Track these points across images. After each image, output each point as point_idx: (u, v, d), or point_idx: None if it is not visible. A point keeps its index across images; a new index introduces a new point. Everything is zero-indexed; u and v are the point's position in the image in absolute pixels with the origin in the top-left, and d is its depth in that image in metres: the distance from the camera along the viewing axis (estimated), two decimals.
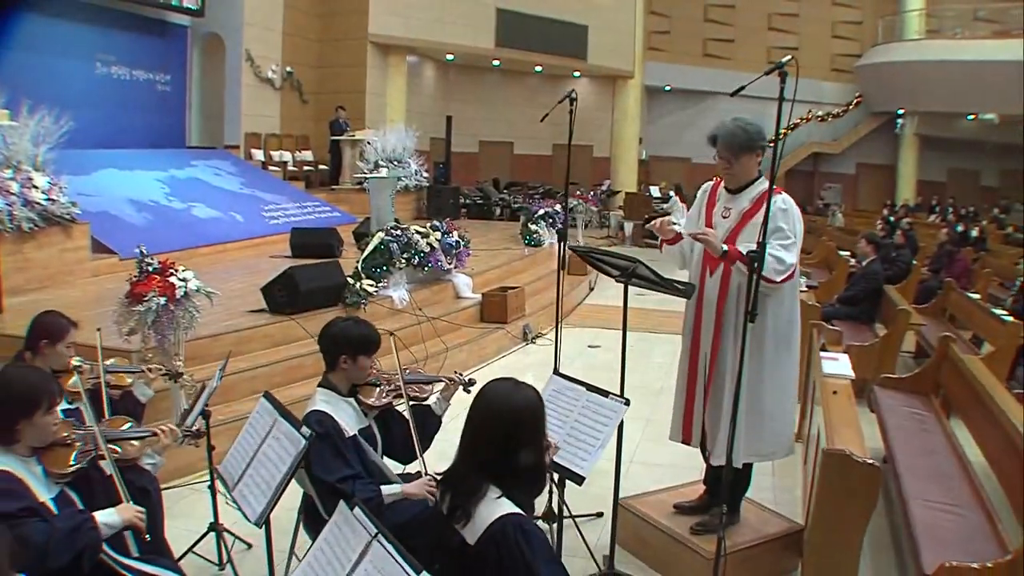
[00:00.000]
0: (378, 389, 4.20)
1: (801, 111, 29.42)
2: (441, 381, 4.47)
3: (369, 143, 14.30)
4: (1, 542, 2.00)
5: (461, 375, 4.50)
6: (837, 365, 6.01)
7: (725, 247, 4.34)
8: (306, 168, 18.78)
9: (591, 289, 14.64)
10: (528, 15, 22.79)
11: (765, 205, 3.96)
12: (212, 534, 4.62)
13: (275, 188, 15.36)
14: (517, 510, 2.77)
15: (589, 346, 10.52)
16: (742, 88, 4.15)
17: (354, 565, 2.46)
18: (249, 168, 16.01)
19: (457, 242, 10.40)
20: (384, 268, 9.05)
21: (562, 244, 5.94)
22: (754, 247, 3.98)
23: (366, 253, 9.05)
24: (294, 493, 4.50)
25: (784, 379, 4.63)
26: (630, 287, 4.63)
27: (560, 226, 15.03)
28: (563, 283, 6.14)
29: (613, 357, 9.02)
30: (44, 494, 3.14)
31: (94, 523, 3.07)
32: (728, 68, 29.47)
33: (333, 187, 17.88)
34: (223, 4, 16.55)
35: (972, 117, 27.83)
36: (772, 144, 4.16)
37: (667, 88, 29.14)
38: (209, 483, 4.60)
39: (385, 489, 3.87)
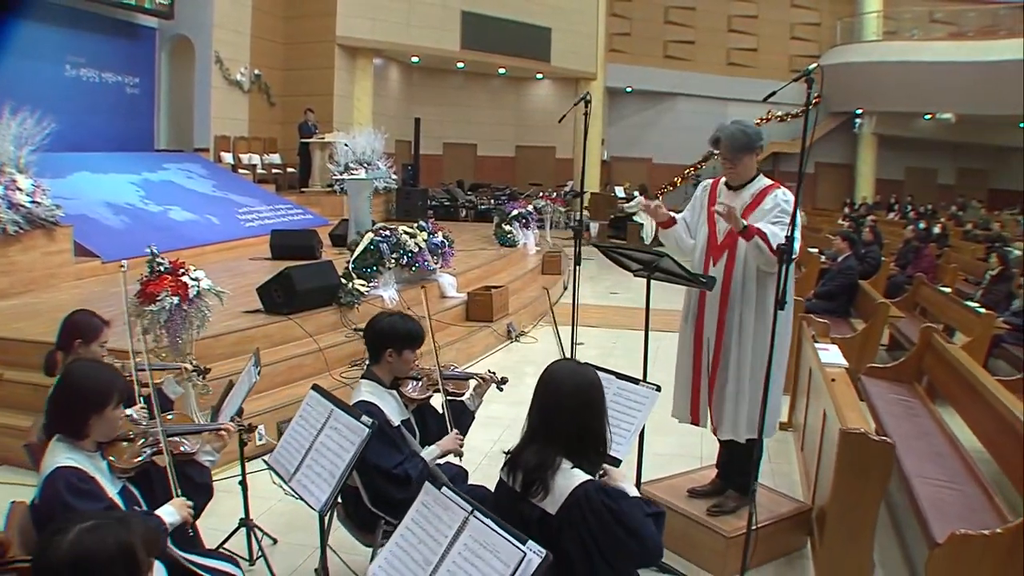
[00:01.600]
0: (419, 383, 4.32)
1: (760, 112, 29.75)
2: (475, 379, 4.59)
3: (346, 145, 14.32)
4: (136, 531, 2.06)
5: (494, 374, 4.63)
6: (830, 355, 6.22)
7: (745, 223, 4.57)
8: (275, 171, 18.75)
9: (565, 288, 14.77)
10: (492, 18, 22.90)
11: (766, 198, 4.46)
12: (243, 529, 4.67)
13: (247, 191, 15.35)
14: (591, 477, 2.96)
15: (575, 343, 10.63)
16: (773, 94, 4.43)
17: (451, 542, 2.57)
18: (220, 171, 15.98)
19: (442, 242, 10.49)
20: (375, 268, 9.13)
21: (577, 240, 6.05)
22: (766, 227, 4.47)
23: (357, 253, 9.12)
24: None
25: (781, 361, 4.82)
26: (606, 288, 4.79)
27: (533, 226, 15.23)
28: (572, 281, 6.23)
29: (597, 354, 9.22)
30: (111, 489, 3.17)
31: (164, 524, 3.16)
32: (688, 69, 29.87)
33: (303, 190, 17.85)
34: (192, 6, 16.49)
35: (929, 117, 28.23)
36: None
37: (628, 89, 29.37)
38: (240, 479, 4.65)
39: (425, 453, 4.12)
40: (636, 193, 22.74)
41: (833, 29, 30.94)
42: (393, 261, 9.41)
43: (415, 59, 23.86)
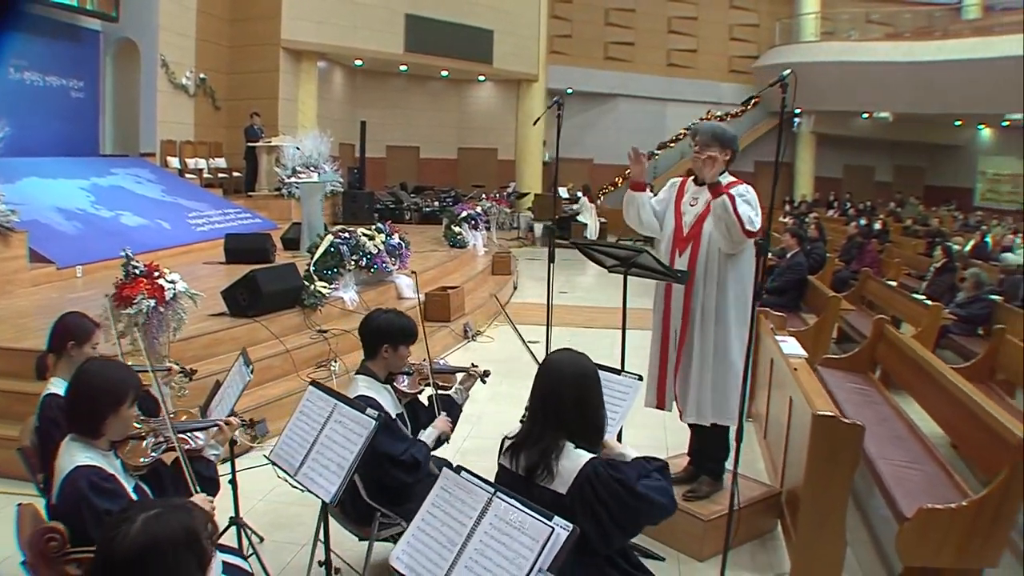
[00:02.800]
0: (411, 378, 4.45)
1: (700, 111, 30.13)
2: (463, 372, 4.76)
3: (297, 148, 14.32)
4: (198, 517, 2.13)
5: (477, 367, 4.81)
6: (790, 346, 6.46)
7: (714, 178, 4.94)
8: (221, 175, 18.64)
9: (515, 288, 14.93)
10: (435, 20, 22.95)
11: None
12: (233, 527, 4.74)
13: (195, 195, 15.29)
14: (594, 455, 3.12)
15: (528, 341, 10.75)
16: (751, 99, 4.67)
17: (476, 522, 2.70)
18: (167, 176, 15.89)
19: (399, 244, 10.59)
20: (335, 270, 9.20)
21: (551, 239, 6.19)
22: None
23: (317, 256, 9.18)
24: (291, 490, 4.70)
25: (742, 348, 4.99)
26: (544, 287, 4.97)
27: (482, 227, 15.36)
28: (551, 281, 6.35)
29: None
30: (127, 486, 3.22)
31: None
32: (629, 70, 30.12)
33: (250, 194, 17.76)
34: (137, 9, 16.32)
35: (867, 116, 28.81)
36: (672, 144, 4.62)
37: (569, 91, 29.54)
38: (230, 477, 4.71)
39: (423, 436, 4.30)
40: (579, 194, 23.02)
41: (772, 30, 31.46)
42: (353, 263, 9.49)
43: (359, 62, 23.79)
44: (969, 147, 32.12)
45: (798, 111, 29.59)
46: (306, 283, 8.66)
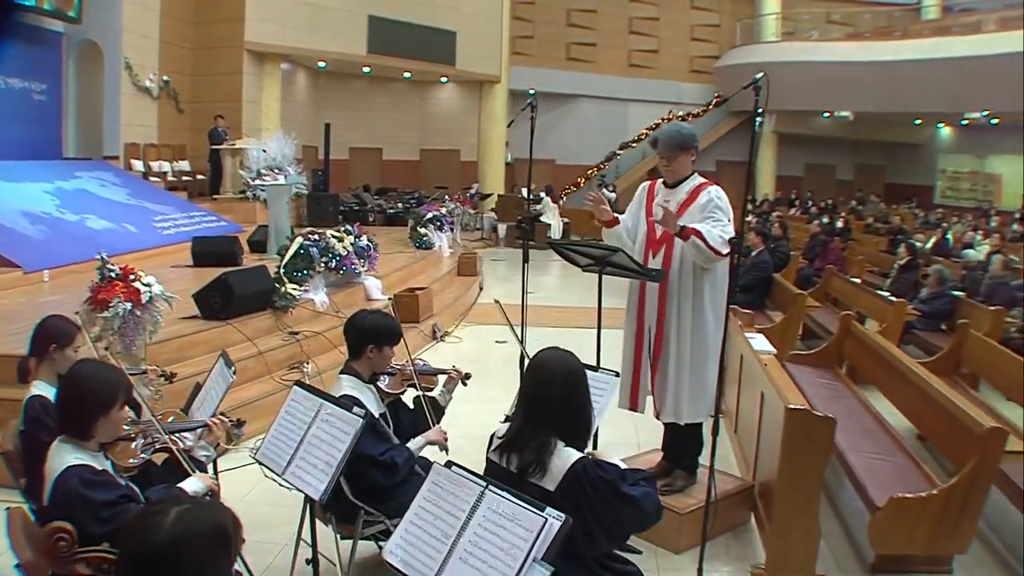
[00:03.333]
0: (394, 378, 4.52)
1: (662, 112, 30.30)
2: (446, 374, 4.83)
3: (264, 151, 14.30)
4: (226, 511, 2.16)
5: (459, 369, 4.88)
6: (759, 343, 6.58)
7: (681, 224, 4.87)
8: (185, 178, 18.51)
9: (481, 289, 14.98)
10: (399, 22, 22.96)
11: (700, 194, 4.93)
12: None
13: (160, 199, 15.19)
14: (583, 453, 3.22)
15: (496, 342, 10.85)
16: (724, 100, 4.75)
17: (469, 515, 2.76)
18: (132, 179, 15.76)
19: (368, 245, 10.63)
20: (305, 272, 9.21)
21: (525, 240, 6.24)
22: (702, 227, 4.82)
23: (287, 258, 9.18)
24: (273, 489, 4.75)
25: (717, 347, 5.07)
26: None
27: (447, 228, 15.41)
28: (525, 281, 6.43)
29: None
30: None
31: (186, 494, 3.26)
32: (590, 71, 30.24)
33: (215, 196, 17.68)
34: (100, 11, 16.15)
35: (828, 115, 29.08)
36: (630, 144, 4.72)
37: (531, 92, 29.51)
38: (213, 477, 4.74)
39: (411, 444, 4.32)
40: (542, 194, 23.10)
41: (733, 30, 31.70)
42: (323, 265, 9.52)
43: (322, 64, 23.77)
44: (929, 145, 32.54)
45: (759, 110, 29.79)
46: (277, 285, 8.67)
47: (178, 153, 18.99)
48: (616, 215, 5.41)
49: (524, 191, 23.72)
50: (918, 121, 30.35)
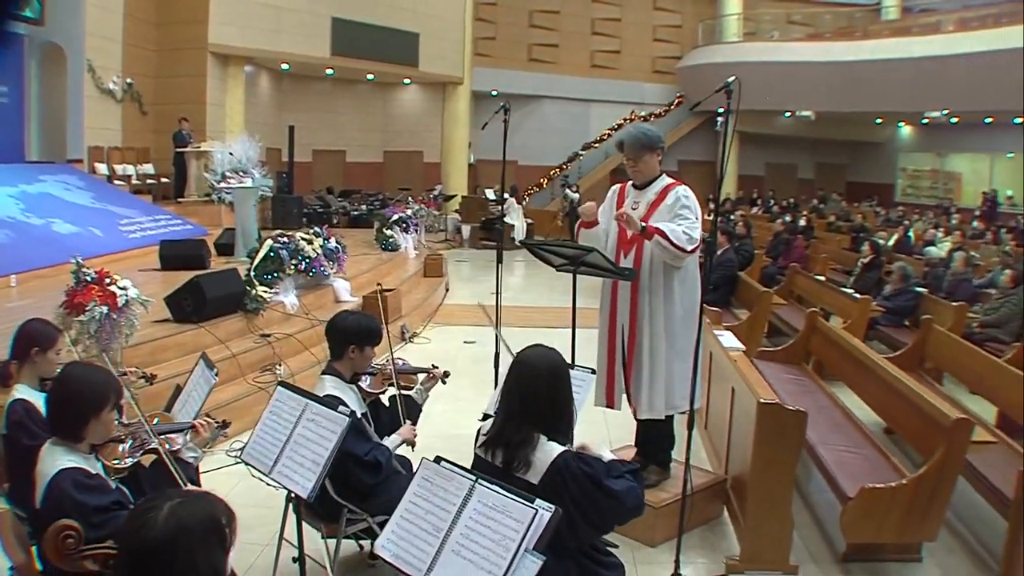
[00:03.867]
0: (373, 378, 4.58)
1: (624, 112, 30.49)
2: (424, 372, 4.90)
3: (231, 153, 14.24)
4: (218, 504, 2.18)
5: (438, 368, 4.96)
6: (728, 340, 6.70)
7: (643, 225, 4.98)
8: (149, 181, 18.39)
9: (447, 290, 15.04)
10: (362, 24, 22.95)
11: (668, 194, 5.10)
12: None
13: (125, 202, 15.08)
14: (566, 448, 3.32)
15: (464, 342, 10.92)
16: (697, 104, 4.86)
17: (460, 509, 2.83)
18: (96, 182, 15.62)
19: (336, 248, 10.66)
20: (275, 275, 9.23)
21: (499, 241, 6.33)
22: (666, 226, 4.95)
23: (257, 261, 9.20)
24: (258, 487, 4.80)
25: (691, 342, 5.17)
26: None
27: (412, 230, 15.42)
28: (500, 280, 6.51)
29: (490, 351, 9.45)
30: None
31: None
32: (553, 72, 30.34)
33: (179, 200, 17.60)
34: (63, 13, 15.98)
35: (789, 114, 29.31)
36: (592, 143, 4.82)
37: (494, 93, 29.63)
38: None
39: (387, 442, 4.40)
40: (507, 195, 23.16)
41: (695, 31, 31.86)
42: (293, 267, 9.54)
43: (285, 66, 23.70)
44: (889, 144, 32.93)
45: (720, 110, 30.00)
46: (248, 288, 8.68)
47: (142, 156, 18.84)
48: (597, 219, 5.51)
49: (488, 192, 23.81)
50: (879, 120, 30.70)
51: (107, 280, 6.00)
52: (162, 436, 3.62)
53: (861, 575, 4.96)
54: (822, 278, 11.88)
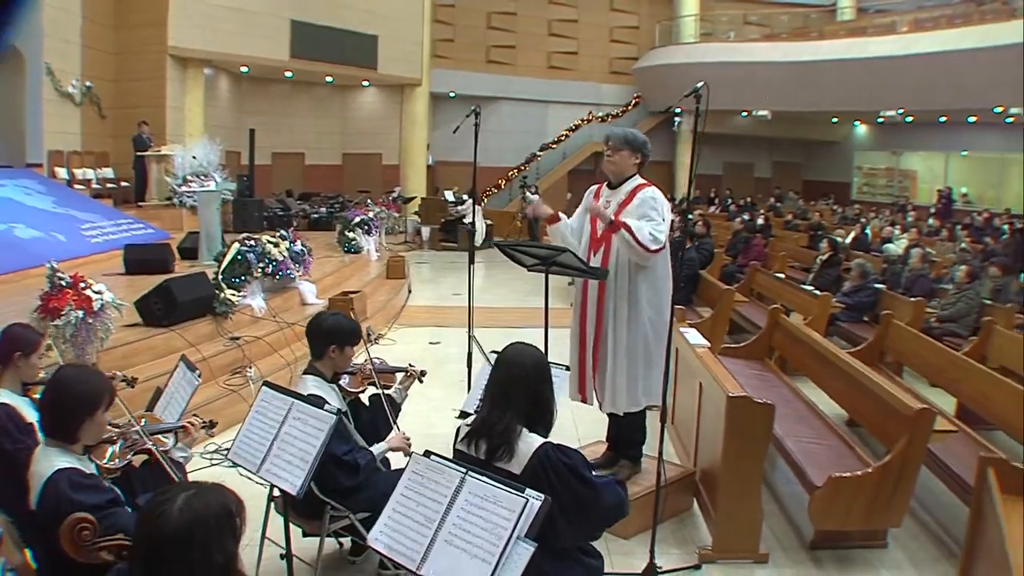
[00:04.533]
0: (352, 377, 4.68)
1: (581, 112, 30.68)
2: (403, 371, 5.01)
3: (195, 157, 14.20)
4: (229, 494, 2.29)
5: (414, 367, 5.07)
6: (694, 337, 6.86)
7: (612, 217, 5.21)
8: (109, 186, 18.27)
9: (410, 292, 15.12)
10: (321, 26, 22.97)
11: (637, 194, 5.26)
12: None
13: (87, 207, 14.98)
14: (546, 440, 3.46)
15: (430, 343, 11.03)
16: (669, 108, 5.00)
17: (451, 500, 2.93)
18: (57, 187, 15.52)
19: (302, 250, 10.71)
20: (243, 278, 9.27)
21: (471, 242, 6.44)
22: (632, 221, 5.15)
23: (225, 264, 9.22)
24: (239, 487, 4.84)
25: (660, 339, 5.34)
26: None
27: (374, 232, 15.37)
28: (471, 282, 6.61)
29: (456, 351, 9.60)
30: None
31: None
32: (510, 74, 30.41)
33: (140, 204, 17.47)
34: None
35: (746, 114, 29.54)
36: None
37: (452, 95, 29.68)
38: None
39: (375, 449, 4.48)
40: (465, 196, 23.30)
41: (652, 32, 32.01)
42: (260, 270, 9.57)
43: (244, 69, 23.65)
44: (845, 143, 33.33)
45: (678, 111, 30.27)
46: (216, 292, 8.72)
47: (101, 160, 18.68)
48: (557, 213, 5.64)
49: (447, 194, 23.94)
50: (835, 119, 31.07)
51: (82, 284, 6.02)
52: (153, 436, 3.69)
53: (829, 562, 5.12)
54: (782, 276, 12.13)
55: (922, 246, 13.42)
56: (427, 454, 3.14)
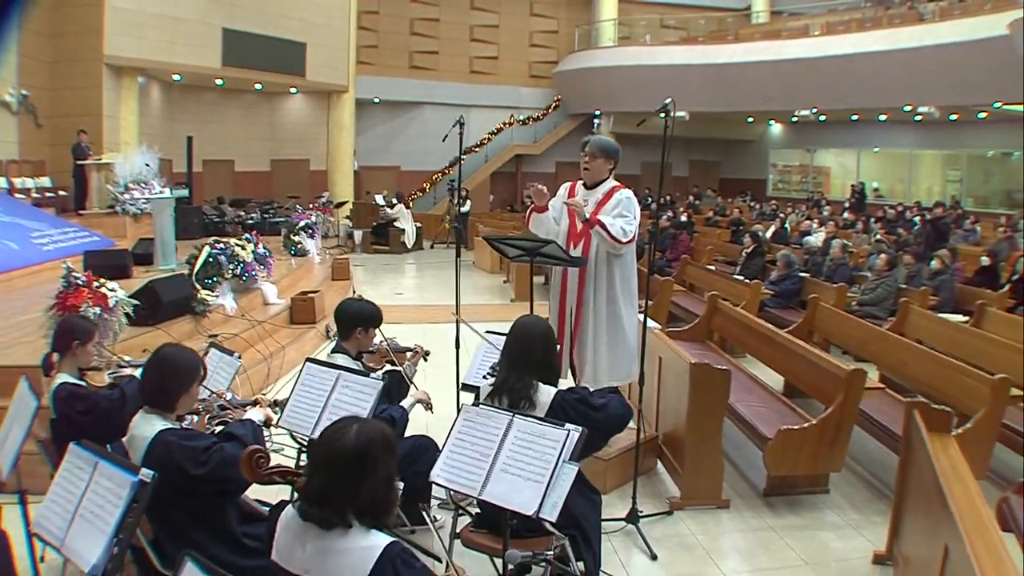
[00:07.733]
0: (371, 355, 5.37)
1: (503, 116, 31.39)
2: (411, 351, 5.69)
3: (148, 165, 14.51)
4: (389, 430, 2.90)
5: (420, 346, 5.76)
6: (650, 322, 7.60)
7: (588, 216, 5.97)
8: (48, 195, 18.35)
9: (355, 292, 15.61)
10: (251, 34, 23.18)
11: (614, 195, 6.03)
12: None
13: (32, 215, 15.12)
14: (558, 389, 4.23)
15: (385, 337, 11.56)
16: (642, 122, 5.74)
17: (503, 438, 3.62)
18: (2, 196, 15.71)
19: (265, 253, 11.24)
20: (215, 279, 9.78)
21: (458, 241, 7.05)
22: (607, 219, 5.90)
23: (198, 266, 9.70)
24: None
25: (632, 321, 6.16)
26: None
27: (317, 236, 15.76)
28: (458, 278, 7.20)
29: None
30: None
31: (256, 423, 4.02)
32: (433, 78, 31.04)
33: (80, 212, 17.63)
34: None
35: (663, 115, 30.12)
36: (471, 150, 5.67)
37: (376, 100, 29.98)
38: None
39: (404, 403, 5.10)
40: (395, 200, 23.86)
41: (571, 36, 32.89)
42: (230, 271, 10.09)
43: (177, 77, 23.74)
44: (760, 142, 34.42)
45: (597, 112, 31.10)
46: (194, 291, 9.23)
47: (39, 169, 18.67)
48: (550, 205, 6.30)
49: (378, 197, 24.49)
50: (750, 119, 32.05)
51: (95, 284, 6.52)
52: (237, 408, 4.30)
53: (781, 507, 6.01)
54: (712, 268, 13.07)
55: (840, 238, 14.42)
56: (476, 403, 3.83)
